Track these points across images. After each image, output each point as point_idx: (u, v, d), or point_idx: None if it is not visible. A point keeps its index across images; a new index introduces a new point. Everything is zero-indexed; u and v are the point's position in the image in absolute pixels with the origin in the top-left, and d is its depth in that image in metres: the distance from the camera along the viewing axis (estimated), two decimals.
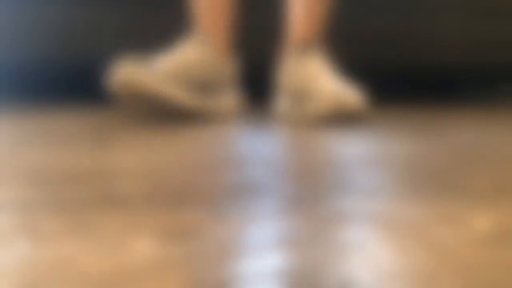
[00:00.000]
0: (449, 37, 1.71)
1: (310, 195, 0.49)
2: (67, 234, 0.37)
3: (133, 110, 1.09)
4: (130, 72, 1.04)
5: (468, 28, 1.71)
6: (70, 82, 1.98)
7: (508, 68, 1.82)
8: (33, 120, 1.05)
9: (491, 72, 1.92)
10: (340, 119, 1.06)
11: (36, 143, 0.77)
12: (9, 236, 0.37)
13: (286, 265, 0.32)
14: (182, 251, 0.34)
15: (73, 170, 0.58)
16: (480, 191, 0.51)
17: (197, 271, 0.31)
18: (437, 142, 0.82)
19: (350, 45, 1.63)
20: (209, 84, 1.20)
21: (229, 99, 1.26)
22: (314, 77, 1.16)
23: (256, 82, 1.32)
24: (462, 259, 0.33)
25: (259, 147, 0.75)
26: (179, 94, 1.08)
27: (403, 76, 1.98)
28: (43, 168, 0.59)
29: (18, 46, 1.49)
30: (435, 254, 0.34)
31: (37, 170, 0.58)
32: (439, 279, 0.30)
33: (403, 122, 1.11)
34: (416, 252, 0.34)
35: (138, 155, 0.68)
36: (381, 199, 0.47)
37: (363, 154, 0.71)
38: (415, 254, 0.34)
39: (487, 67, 1.80)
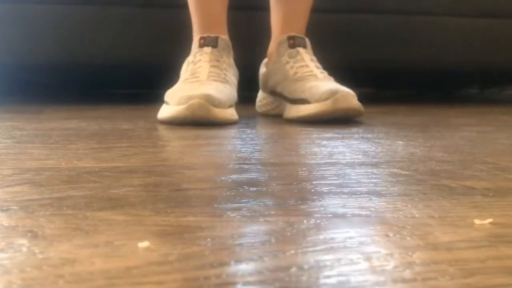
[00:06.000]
0: (450, 37, 1.71)
1: (310, 194, 0.49)
2: (67, 234, 0.37)
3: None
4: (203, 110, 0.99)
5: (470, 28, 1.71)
6: (70, 82, 1.98)
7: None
8: (33, 120, 1.05)
9: (495, 73, 1.92)
10: (336, 117, 1.05)
11: (36, 143, 0.77)
12: (9, 236, 0.37)
13: (286, 265, 0.32)
14: (182, 251, 0.34)
15: (73, 170, 0.58)
16: (480, 191, 0.51)
17: (197, 271, 0.31)
18: (437, 142, 0.82)
19: (350, 45, 1.63)
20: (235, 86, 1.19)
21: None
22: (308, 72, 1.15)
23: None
24: (462, 259, 0.33)
25: (259, 147, 0.75)
26: (228, 114, 1.05)
27: (403, 76, 1.98)
28: (43, 168, 0.59)
29: (17, 46, 1.49)
30: (435, 254, 0.34)
31: (37, 170, 0.58)
32: (438, 279, 0.30)
33: (403, 122, 1.11)
34: (416, 252, 0.34)
35: (138, 154, 0.68)
36: (380, 199, 0.47)
37: (363, 153, 0.71)
38: (415, 254, 0.34)
39: (491, 68, 1.79)
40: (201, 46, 1.14)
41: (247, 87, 1.31)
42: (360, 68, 1.68)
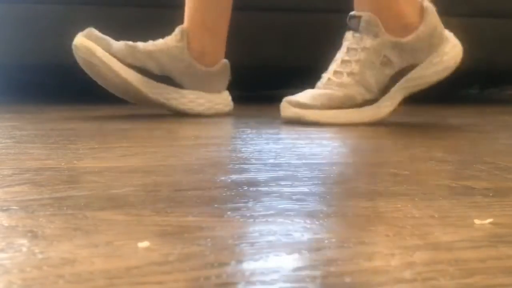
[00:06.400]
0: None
1: (310, 194, 0.49)
2: (67, 234, 0.37)
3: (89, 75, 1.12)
4: (89, 39, 1.11)
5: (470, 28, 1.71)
6: (69, 82, 1.97)
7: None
8: (33, 120, 1.05)
9: (495, 73, 1.91)
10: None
11: (36, 143, 0.77)
12: (9, 236, 0.37)
13: (286, 265, 0.32)
14: (182, 251, 0.34)
15: (73, 170, 0.58)
16: (480, 191, 0.51)
17: (197, 271, 0.31)
18: (436, 142, 0.82)
19: None
20: (172, 76, 1.19)
21: (218, 98, 1.25)
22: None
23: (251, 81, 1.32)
24: (462, 259, 0.33)
25: (259, 147, 0.75)
26: (132, 77, 1.11)
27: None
28: (43, 168, 0.59)
29: (17, 46, 1.49)
30: (435, 254, 0.34)
31: (37, 170, 0.58)
32: (439, 279, 0.30)
33: (403, 122, 1.11)
34: (416, 252, 0.34)
35: (138, 154, 0.68)
36: (381, 199, 0.47)
37: (363, 153, 0.71)
38: (415, 254, 0.34)
39: (491, 68, 1.79)
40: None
41: (247, 86, 1.31)
42: None
